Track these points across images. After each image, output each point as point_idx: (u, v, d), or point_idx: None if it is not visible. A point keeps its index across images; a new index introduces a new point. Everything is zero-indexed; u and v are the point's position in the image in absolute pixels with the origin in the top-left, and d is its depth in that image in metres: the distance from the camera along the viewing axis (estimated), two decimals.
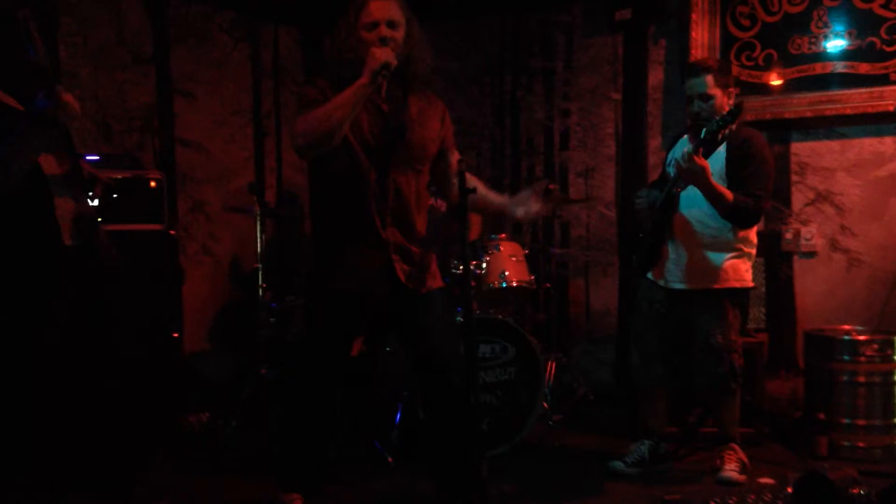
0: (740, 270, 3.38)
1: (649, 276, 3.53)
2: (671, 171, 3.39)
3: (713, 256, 3.35)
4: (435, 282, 2.76)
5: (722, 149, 3.24)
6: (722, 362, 3.34)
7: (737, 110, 3.00)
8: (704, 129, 3.08)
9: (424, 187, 2.76)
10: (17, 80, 2.67)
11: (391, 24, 2.56)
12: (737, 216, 3.25)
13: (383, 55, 2.44)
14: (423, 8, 2.75)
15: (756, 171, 3.26)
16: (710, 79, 3.29)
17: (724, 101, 3.32)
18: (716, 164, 3.24)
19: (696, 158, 3.05)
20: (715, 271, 3.34)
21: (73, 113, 2.64)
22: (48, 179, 2.66)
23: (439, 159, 2.79)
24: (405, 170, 2.65)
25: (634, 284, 3.73)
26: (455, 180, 2.55)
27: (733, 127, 3.03)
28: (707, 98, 3.30)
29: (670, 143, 3.66)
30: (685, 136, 3.49)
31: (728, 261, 3.35)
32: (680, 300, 3.43)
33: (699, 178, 3.11)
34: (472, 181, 2.55)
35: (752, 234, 3.42)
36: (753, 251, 3.44)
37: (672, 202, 3.41)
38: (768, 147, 3.39)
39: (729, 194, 3.18)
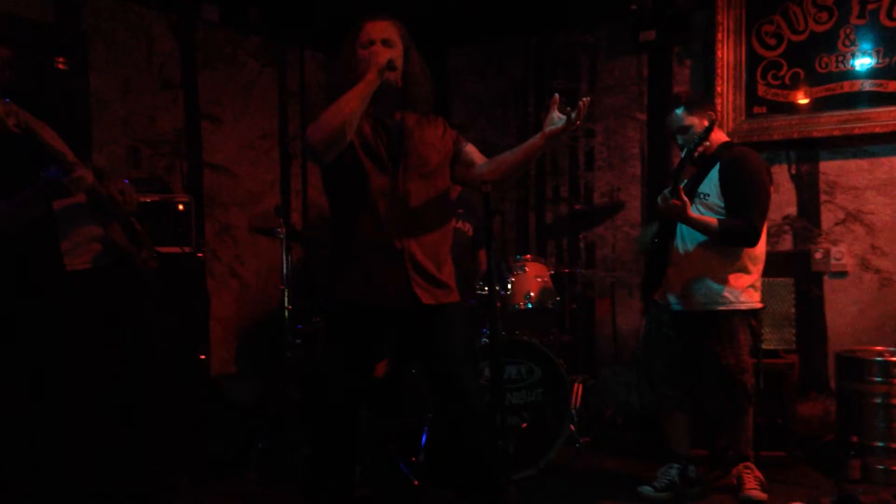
0: (746, 290, 3.35)
1: (657, 299, 3.53)
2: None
3: (715, 278, 3.34)
4: (450, 297, 2.75)
5: (715, 170, 3.35)
6: (734, 384, 3.33)
7: (709, 127, 3.16)
8: (682, 158, 3.24)
9: (441, 199, 2.76)
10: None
11: (386, 43, 2.65)
12: (730, 239, 3.29)
13: (388, 54, 2.59)
14: (447, 31, 2.78)
15: (747, 191, 3.29)
16: (681, 111, 3.36)
17: (703, 126, 3.39)
18: (710, 184, 3.35)
19: (672, 200, 3.17)
20: (719, 293, 3.33)
21: (82, 188, 2.65)
22: (55, 212, 2.69)
23: (455, 163, 2.81)
24: (412, 178, 2.68)
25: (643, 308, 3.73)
26: (476, 164, 2.77)
27: (708, 143, 3.22)
28: (685, 129, 3.38)
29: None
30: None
31: (732, 282, 3.33)
32: (688, 322, 3.42)
33: (679, 216, 3.23)
34: (477, 156, 2.80)
35: (759, 253, 3.39)
36: (757, 270, 3.40)
37: (671, 227, 3.44)
38: (761, 163, 3.38)
39: (713, 222, 3.25)
